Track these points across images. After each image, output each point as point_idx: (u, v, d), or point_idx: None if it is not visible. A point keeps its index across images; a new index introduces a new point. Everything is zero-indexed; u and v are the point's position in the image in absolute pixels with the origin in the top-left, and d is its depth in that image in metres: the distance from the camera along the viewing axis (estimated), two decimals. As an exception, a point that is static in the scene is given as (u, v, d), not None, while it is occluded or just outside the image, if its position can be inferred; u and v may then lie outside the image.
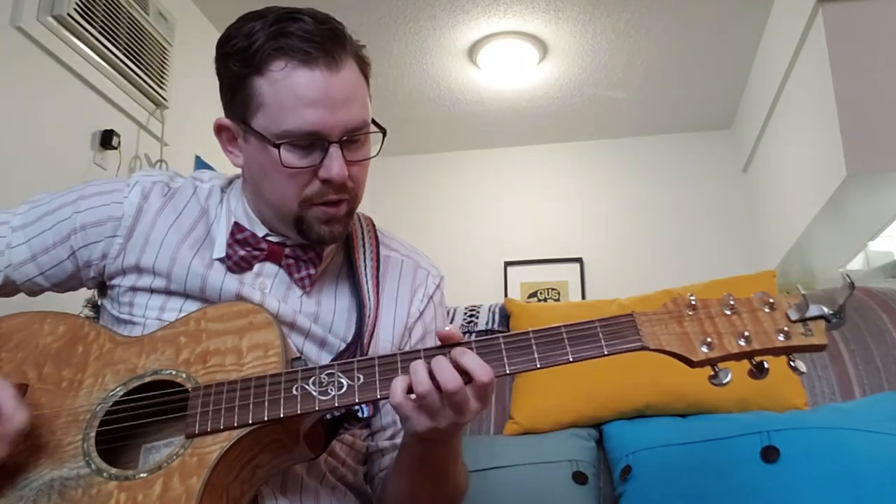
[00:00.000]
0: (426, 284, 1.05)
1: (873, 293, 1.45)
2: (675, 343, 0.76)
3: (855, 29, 2.41)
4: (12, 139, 2.01)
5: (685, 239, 3.96)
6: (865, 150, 2.32)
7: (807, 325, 0.76)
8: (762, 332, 0.76)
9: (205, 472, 0.75)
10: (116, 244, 0.96)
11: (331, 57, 0.87)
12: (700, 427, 1.19)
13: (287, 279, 0.96)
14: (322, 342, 0.95)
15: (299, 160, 0.87)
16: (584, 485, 1.21)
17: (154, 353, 0.86)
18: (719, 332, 0.76)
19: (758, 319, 0.77)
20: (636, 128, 4.10)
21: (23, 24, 2.02)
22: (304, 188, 0.89)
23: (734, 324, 0.77)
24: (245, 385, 0.80)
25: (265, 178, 0.92)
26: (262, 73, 0.87)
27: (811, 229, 2.83)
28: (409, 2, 2.96)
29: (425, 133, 4.15)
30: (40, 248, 0.97)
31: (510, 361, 0.78)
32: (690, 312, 0.78)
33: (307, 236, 0.93)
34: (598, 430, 1.33)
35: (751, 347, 0.75)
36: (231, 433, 0.78)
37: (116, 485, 0.77)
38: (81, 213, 0.97)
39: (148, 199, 0.98)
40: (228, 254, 0.95)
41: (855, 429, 1.10)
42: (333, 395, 0.78)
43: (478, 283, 4.06)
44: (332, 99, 0.87)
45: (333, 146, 0.87)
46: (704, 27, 3.13)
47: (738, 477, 1.08)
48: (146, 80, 2.49)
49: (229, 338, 0.85)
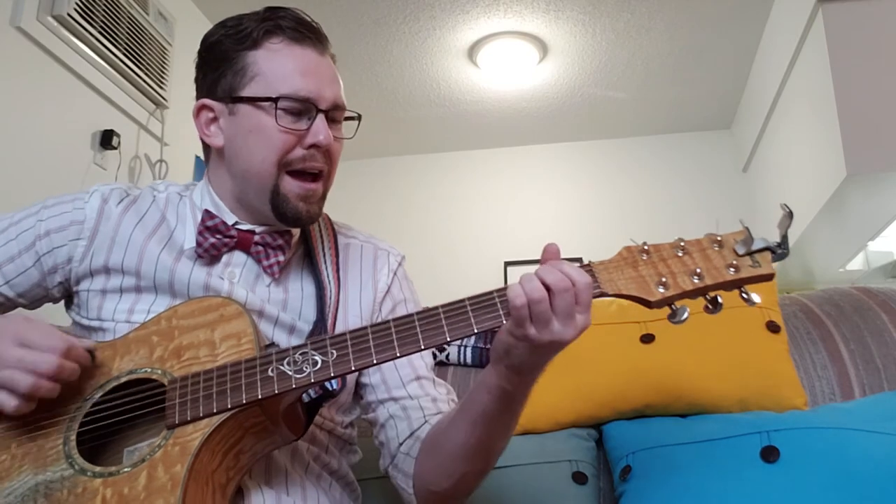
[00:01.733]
0: (388, 262, 1.09)
1: (873, 293, 1.45)
2: (632, 286, 0.80)
3: (855, 29, 2.41)
4: (12, 139, 2.01)
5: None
6: (865, 150, 2.32)
7: (754, 257, 0.80)
8: (713, 268, 0.80)
9: (188, 459, 0.76)
10: (81, 247, 0.98)
11: (318, 42, 0.97)
12: (700, 427, 1.19)
13: (256, 268, 0.99)
14: (291, 328, 0.97)
15: (290, 123, 0.93)
16: (584, 485, 1.21)
17: (128, 355, 0.87)
18: (673, 272, 0.80)
19: (708, 257, 0.80)
20: (636, 128, 4.11)
21: (23, 24, 2.02)
22: (288, 152, 0.94)
23: (686, 263, 0.80)
24: (221, 372, 0.81)
25: (249, 144, 0.95)
26: (258, 47, 0.95)
27: (811, 229, 2.83)
28: (409, 2, 2.96)
29: (425, 133, 4.16)
30: (5, 257, 0.98)
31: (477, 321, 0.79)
32: (644, 257, 0.81)
33: (282, 212, 0.95)
34: (597, 429, 1.33)
35: (703, 283, 0.79)
36: (211, 420, 0.78)
37: (101, 481, 0.77)
38: (45, 221, 0.99)
39: (108, 203, 1.01)
40: (199, 241, 0.97)
41: (855, 429, 1.10)
42: (309, 372, 0.79)
43: (478, 283, 4.04)
44: (321, 74, 0.96)
45: (321, 115, 0.94)
46: (704, 27, 3.14)
47: (738, 477, 1.08)
48: (146, 80, 2.49)
49: (201, 331, 0.86)
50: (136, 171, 2.53)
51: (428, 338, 0.79)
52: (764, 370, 1.27)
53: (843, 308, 1.41)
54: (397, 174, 4.40)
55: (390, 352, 0.79)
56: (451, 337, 0.79)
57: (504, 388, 0.84)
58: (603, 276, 0.80)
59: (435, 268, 4.17)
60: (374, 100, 3.68)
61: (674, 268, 0.80)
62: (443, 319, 0.80)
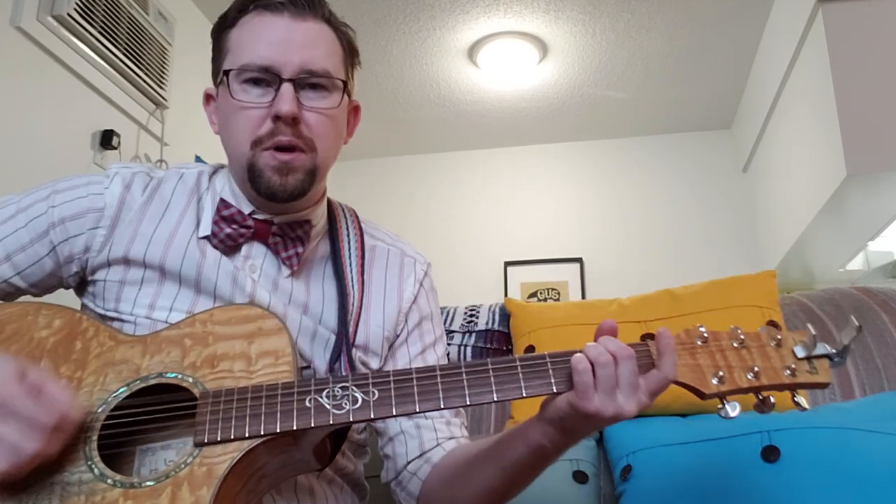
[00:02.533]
0: (415, 271, 1.05)
1: (873, 293, 1.45)
2: (688, 375, 0.79)
3: (855, 29, 2.41)
4: (12, 139, 2.01)
5: (685, 239, 3.96)
6: (865, 150, 2.32)
7: (812, 362, 0.80)
8: (770, 368, 0.79)
9: (215, 483, 0.73)
10: (100, 236, 0.92)
11: (297, 9, 0.90)
12: (701, 427, 1.19)
13: (275, 260, 0.95)
14: (313, 334, 0.93)
15: (252, 97, 0.88)
16: (585, 484, 1.21)
17: (158, 355, 0.82)
18: (730, 365, 0.79)
19: (766, 355, 0.80)
20: (636, 128, 4.10)
21: (23, 24, 2.01)
22: (257, 128, 0.88)
23: (744, 358, 0.80)
24: (256, 394, 0.77)
25: (226, 123, 0.92)
26: (234, 25, 0.92)
27: (811, 229, 2.83)
28: (409, 2, 2.96)
29: (425, 133, 4.15)
30: (15, 246, 0.91)
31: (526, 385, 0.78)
32: (701, 344, 0.81)
33: (258, 186, 0.89)
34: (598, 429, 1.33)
35: (759, 382, 0.78)
36: (241, 444, 0.75)
37: (121, 492, 0.73)
38: (58, 207, 0.93)
39: (130, 190, 0.95)
40: (214, 231, 0.93)
41: (855, 428, 1.10)
42: (348, 410, 0.76)
43: (478, 283, 4.06)
44: (290, 40, 0.88)
45: (286, 84, 0.87)
46: (704, 27, 3.14)
47: (739, 477, 1.08)
48: (146, 80, 2.49)
49: (237, 342, 0.82)
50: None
51: (475, 395, 0.77)
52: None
53: (843, 308, 1.41)
54: (397, 174, 4.40)
55: (434, 402, 0.77)
56: (498, 398, 0.77)
57: (545, 445, 0.82)
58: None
59: (435, 268, 4.15)
60: (374, 100, 3.68)
61: (731, 361, 0.80)
62: (491, 378, 0.78)
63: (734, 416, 0.78)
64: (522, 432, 0.83)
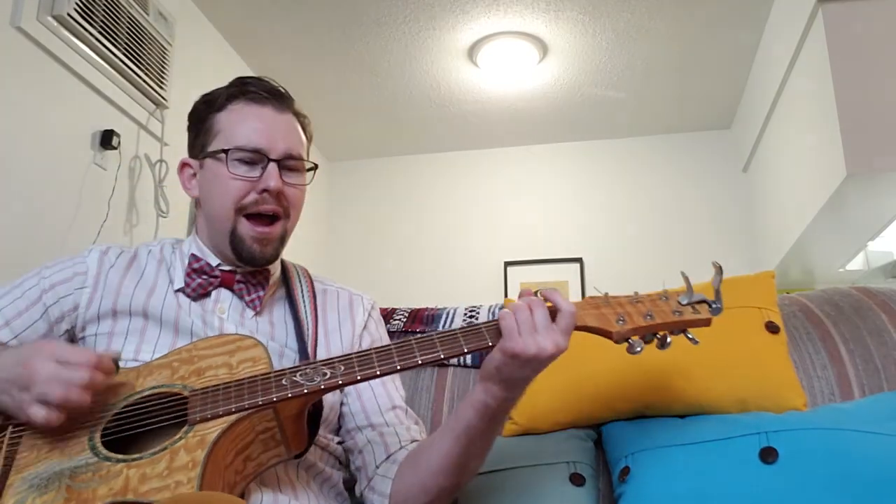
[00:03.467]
0: (363, 304, 1.23)
1: (873, 293, 1.45)
2: (595, 320, 0.98)
3: (855, 29, 2.41)
4: (12, 139, 2.01)
5: (685, 239, 3.96)
6: (865, 150, 2.32)
7: (694, 307, 1.01)
8: (661, 312, 1.00)
9: (208, 445, 0.84)
10: (86, 294, 1.08)
11: (278, 103, 1.11)
12: (699, 428, 1.19)
13: (240, 303, 1.11)
14: (280, 354, 1.08)
15: (244, 172, 1.07)
16: (582, 486, 1.21)
17: (151, 376, 0.96)
18: (629, 312, 0.99)
19: (657, 305, 1.01)
20: (636, 128, 4.10)
21: (23, 24, 2.01)
22: (243, 197, 1.07)
23: (639, 308, 1.00)
24: (239, 383, 0.91)
25: (213, 190, 1.09)
26: (222, 110, 1.10)
27: (811, 229, 2.83)
28: (409, 2, 2.96)
29: (425, 133, 4.15)
30: (13, 314, 1.06)
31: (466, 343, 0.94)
32: (605, 303, 1.00)
33: (240, 252, 1.08)
34: (596, 430, 1.33)
35: (654, 321, 0.98)
36: (229, 417, 0.87)
37: (125, 464, 0.84)
38: (48, 277, 1.09)
39: (107, 255, 1.13)
40: (186, 282, 1.10)
41: (854, 429, 1.10)
42: (319, 381, 0.90)
43: (478, 283, 4.06)
44: (275, 128, 1.09)
45: (272, 164, 1.07)
46: (704, 27, 3.13)
47: (737, 478, 1.08)
48: (146, 80, 2.49)
49: (220, 357, 0.96)
50: (136, 171, 2.53)
51: (424, 354, 0.92)
52: (763, 371, 1.27)
53: (842, 308, 1.41)
54: (397, 174, 4.40)
55: (391, 364, 0.91)
56: (445, 354, 0.92)
57: (488, 403, 0.94)
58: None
59: (435, 268, 4.17)
60: (374, 100, 3.68)
61: (629, 310, 0.99)
62: (437, 342, 0.93)
63: (639, 350, 0.97)
64: (467, 398, 0.97)
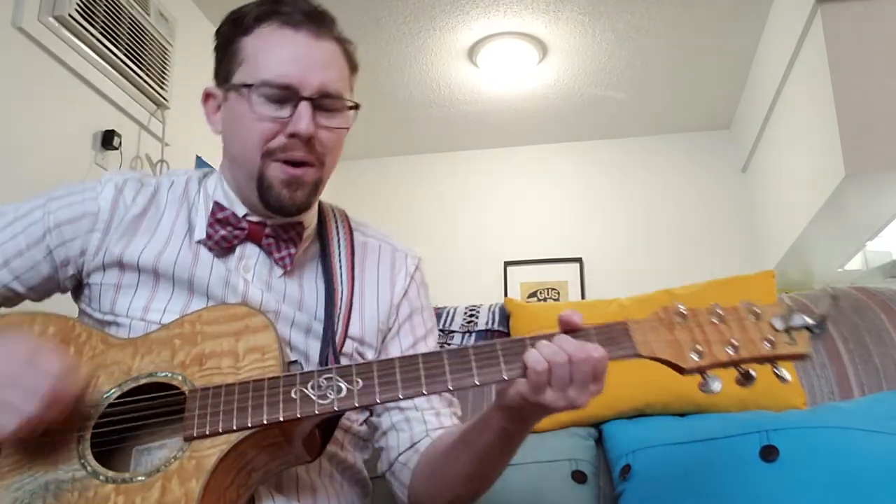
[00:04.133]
0: (406, 265, 1.07)
1: (872, 293, 1.45)
2: (666, 350, 0.79)
3: (854, 29, 2.42)
4: (13, 140, 2.01)
5: (684, 239, 3.97)
6: (864, 151, 2.32)
7: (790, 334, 0.79)
8: (749, 341, 0.79)
9: (203, 475, 0.75)
10: (95, 239, 0.95)
11: (315, 27, 0.93)
12: (699, 426, 1.20)
13: (268, 260, 0.97)
14: (307, 329, 0.96)
15: (270, 111, 0.90)
16: (584, 484, 1.21)
17: (149, 356, 0.85)
18: (708, 339, 0.79)
19: (744, 328, 0.80)
20: (636, 128, 4.11)
21: (24, 24, 2.02)
22: (270, 140, 0.91)
23: (722, 332, 0.79)
24: (243, 388, 0.79)
25: (235, 131, 0.94)
26: (250, 33, 0.93)
27: (810, 229, 2.83)
28: (409, 2, 2.97)
29: (425, 133, 4.16)
30: (13, 252, 0.94)
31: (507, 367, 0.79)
32: (680, 320, 0.80)
33: (267, 199, 0.93)
34: (597, 429, 1.33)
35: (738, 356, 0.78)
36: (229, 436, 0.77)
37: (113, 488, 0.75)
38: (54, 213, 0.95)
39: (123, 194, 0.98)
40: (209, 233, 0.95)
41: (854, 428, 1.11)
42: (332, 399, 0.78)
43: (478, 282, 4.06)
44: (309, 59, 0.91)
45: (304, 103, 0.90)
46: (704, 27, 3.14)
47: (738, 476, 1.08)
48: (147, 80, 2.49)
49: (225, 340, 0.85)
50: (138, 171, 2.54)
51: (457, 379, 0.78)
52: (763, 369, 1.27)
53: (841, 308, 1.42)
54: (397, 174, 4.40)
55: (416, 388, 0.78)
56: (481, 381, 0.78)
57: (507, 429, 0.85)
58: (638, 337, 0.80)
59: (435, 268, 4.16)
60: (374, 100, 3.69)
61: (710, 335, 0.79)
62: (472, 361, 0.79)
63: (716, 389, 0.77)
64: (487, 420, 0.86)
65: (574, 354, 0.76)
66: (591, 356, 0.76)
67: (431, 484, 0.95)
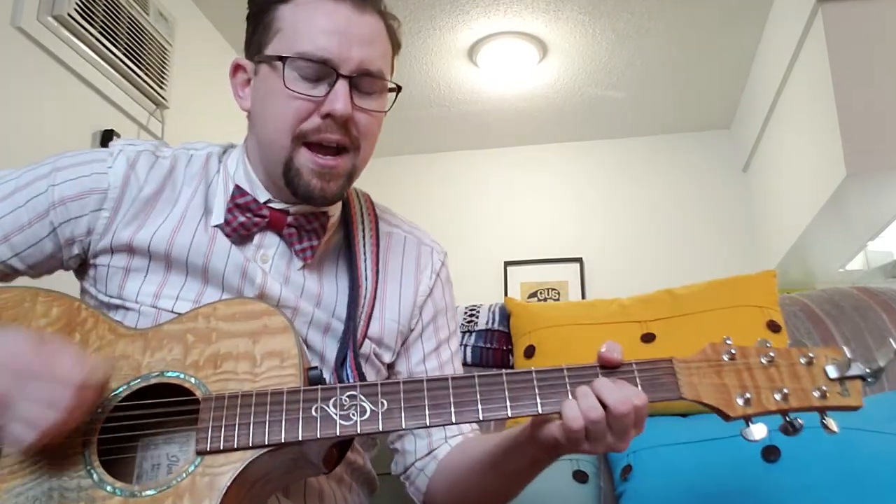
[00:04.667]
0: (432, 261, 1.02)
1: (873, 293, 1.45)
2: (713, 395, 0.74)
3: (854, 29, 2.41)
4: (12, 139, 2.01)
5: (685, 239, 3.97)
6: (865, 150, 2.32)
7: (844, 384, 0.75)
8: (800, 389, 0.75)
9: (216, 495, 0.70)
10: (103, 218, 0.88)
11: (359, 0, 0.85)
12: (701, 426, 1.19)
13: (288, 251, 0.91)
14: (326, 328, 0.91)
15: (305, 88, 0.83)
16: (585, 483, 1.21)
17: (160, 351, 0.79)
18: (757, 385, 0.75)
19: (796, 374, 0.75)
20: (636, 128, 4.11)
21: (23, 24, 2.02)
22: (302, 121, 0.84)
23: (772, 378, 0.75)
24: (260, 400, 0.74)
25: (265, 109, 0.87)
26: (288, 1, 0.85)
27: (811, 229, 2.83)
28: (409, 2, 2.97)
29: (425, 133, 4.16)
30: (13, 226, 0.87)
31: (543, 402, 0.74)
32: (728, 360, 0.76)
33: (295, 188, 0.86)
34: (598, 429, 1.33)
35: (788, 405, 0.74)
36: (245, 454, 0.72)
37: (121, 501, 0.71)
38: (58, 186, 0.88)
39: (135, 169, 0.90)
40: (227, 219, 0.89)
41: (856, 428, 1.11)
42: (356, 422, 0.73)
43: (478, 282, 4.06)
44: (350, 33, 0.84)
45: (342, 81, 0.83)
46: (704, 27, 3.14)
47: (740, 476, 1.08)
48: (146, 80, 2.49)
49: (242, 341, 0.79)
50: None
51: (488, 410, 0.74)
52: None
53: (843, 308, 1.42)
54: (397, 174, 4.40)
55: (445, 417, 0.74)
56: (514, 414, 0.73)
57: (541, 459, 0.83)
58: (683, 378, 0.75)
59: (435, 268, 4.17)
60: (374, 100, 3.68)
61: (759, 381, 0.75)
62: (506, 391, 0.74)
63: (758, 439, 0.73)
64: (519, 446, 0.82)
65: (615, 408, 0.70)
66: (633, 405, 0.71)
67: (452, 496, 0.93)
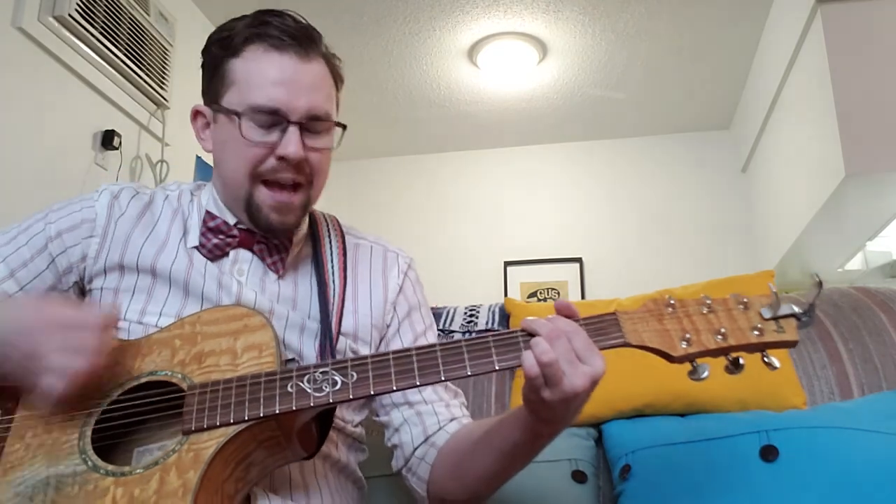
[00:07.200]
0: (398, 264, 1.10)
1: (872, 293, 1.45)
2: (655, 339, 0.80)
3: (853, 29, 2.42)
4: (14, 140, 2.01)
5: (684, 239, 3.97)
6: (864, 151, 2.33)
7: (779, 322, 0.80)
8: (737, 329, 0.80)
9: (201, 466, 0.76)
10: (94, 244, 0.98)
11: (302, 49, 0.94)
12: (699, 426, 1.20)
13: (261, 265, 1.00)
14: (301, 328, 0.98)
15: (259, 136, 0.92)
16: (584, 483, 1.22)
17: (150, 356, 0.87)
18: (697, 328, 0.80)
19: (733, 317, 0.81)
20: (636, 128, 4.11)
21: (24, 24, 2.02)
22: (259, 164, 0.93)
23: (710, 321, 0.81)
24: (241, 383, 0.81)
25: (225, 153, 0.97)
26: (238, 55, 0.94)
27: (810, 229, 2.83)
28: (409, 2, 2.97)
29: (425, 133, 4.16)
30: (17, 263, 0.97)
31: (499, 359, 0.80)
32: (670, 311, 0.82)
33: (257, 221, 0.96)
34: (597, 429, 1.33)
35: (727, 343, 0.79)
36: (227, 429, 0.79)
37: (113, 480, 0.77)
38: (54, 223, 0.99)
39: (118, 199, 1.01)
40: (202, 242, 0.99)
41: (854, 428, 1.11)
42: (328, 392, 0.80)
43: (478, 283, 4.07)
44: (297, 82, 0.93)
45: (293, 126, 0.92)
46: (704, 27, 3.14)
47: (737, 476, 1.09)
48: (147, 80, 2.50)
49: (224, 339, 0.87)
50: (137, 171, 2.53)
51: (449, 370, 0.80)
52: (763, 370, 1.27)
53: (841, 308, 1.42)
54: (397, 174, 4.40)
55: (410, 380, 0.80)
56: (473, 372, 0.80)
57: (539, 432, 0.86)
58: (627, 326, 0.81)
59: (435, 268, 4.17)
60: (374, 100, 3.68)
61: (698, 325, 0.81)
62: (465, 353, 0.80)
63: (705, 376, 0.78)
64: (516, 422, 0.87)
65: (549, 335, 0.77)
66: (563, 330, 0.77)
67: (454, 480, 0.96)
